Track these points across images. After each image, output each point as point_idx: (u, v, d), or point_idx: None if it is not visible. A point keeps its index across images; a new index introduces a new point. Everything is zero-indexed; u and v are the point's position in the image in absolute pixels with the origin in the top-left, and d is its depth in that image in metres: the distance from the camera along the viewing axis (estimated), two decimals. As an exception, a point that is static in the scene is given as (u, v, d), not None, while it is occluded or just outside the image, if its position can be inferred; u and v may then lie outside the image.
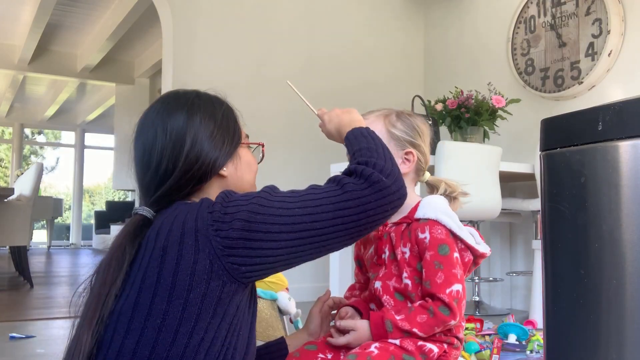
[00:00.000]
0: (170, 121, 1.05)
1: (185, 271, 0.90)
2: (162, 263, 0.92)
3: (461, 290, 1.23)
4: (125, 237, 1.00)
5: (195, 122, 1.05)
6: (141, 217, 1.04)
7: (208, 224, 0.92)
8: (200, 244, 0.91)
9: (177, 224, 0.94)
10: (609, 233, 0.80)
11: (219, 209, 0.94)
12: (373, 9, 4.59)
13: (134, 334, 0.90)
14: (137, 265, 0.96)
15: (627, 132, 0.79)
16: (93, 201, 20.20)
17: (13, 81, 9.31)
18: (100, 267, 1.00)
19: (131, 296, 0.93)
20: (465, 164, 2.96)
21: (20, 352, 2.54)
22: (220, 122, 1.08)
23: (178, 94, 1.12)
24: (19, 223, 4.67)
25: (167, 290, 0.90)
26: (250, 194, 0.97)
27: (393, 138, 1.35)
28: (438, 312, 1.20)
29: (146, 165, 1.06)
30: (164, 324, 0.90)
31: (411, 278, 1.27)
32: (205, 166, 1.04)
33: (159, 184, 1.04)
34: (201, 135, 1.04)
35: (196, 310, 0.90)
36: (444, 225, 1.27)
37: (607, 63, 3.27)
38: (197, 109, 1.07)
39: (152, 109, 1.10)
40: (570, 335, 0.84)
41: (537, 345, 2.35)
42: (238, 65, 3.96)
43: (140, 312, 0.91)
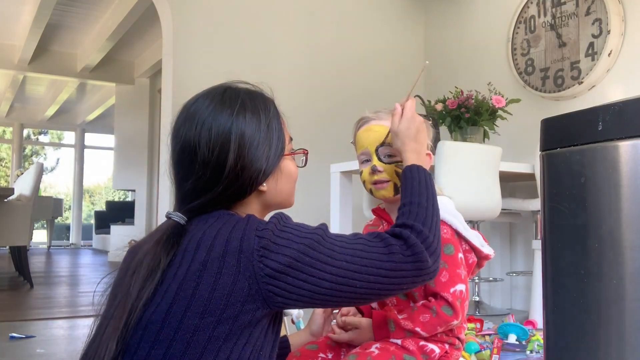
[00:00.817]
0: (215, 127, 1.00)
1: (222, 290, 0.89)
2: (200, 278, 0.90)
3: (464, 291, 1.23)
4: (157, 243, 0.96)
5: (240, 130, 1.00)
6: (175, 224, 1.00)
7: (254, 249, 0.90)
8: (242, 266, 0.90)
9: (220, 240, 0.92)
10: (609, 233, 0.79)
11: (269, 236, 0.91)
12: (373, 9, 4.59)
13: (162, 345, 0.89)
14: (172, 274, 0.93)
15: (627, 132, 0.79)
16: (93, 201, 20.20)
17: (13, 81, 9.31)
18: (128, 271, 0.96)
19: (162, 306, 0.90)
20: (465, 164, 2.96)
21: (20, 352, 2.54)
22: (265, 131, 1.03)
23: (226, 92, 1.06)
24: (19, 223, 4.67)
25: (201, 306, 0.89)
26: (303, 229, 0.94)
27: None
28: (441, 312, 1.20)
29: (186, 171, 1.01)
30: (193, 339, 0.88)
31: None
32: (247, 183, 1.00)
33: (199, 194, 1.00)
34: (246, 147, 1.00)
35: (226, 329, 0.89)
36: (449, 226, 1.28)
37: (607, 63, 3.27)
38: (244, 115, 1.02)
39: (197, 105, 1.04)
40: (570, 335, 0.84)
41: (537, 345, 2.35)
42: (238, 65, 3.96)
43: (171, 324, 0.89)
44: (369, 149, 1.34)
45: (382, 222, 1.40)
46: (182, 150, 1.02)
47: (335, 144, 4.02)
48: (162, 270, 0.93)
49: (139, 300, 0.92)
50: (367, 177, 1.34)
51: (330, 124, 4.14)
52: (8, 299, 4.32)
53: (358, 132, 1.38)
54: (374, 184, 1.33)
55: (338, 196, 3.17)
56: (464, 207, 2.84)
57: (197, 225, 0.98)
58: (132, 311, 0.91)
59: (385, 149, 1.32)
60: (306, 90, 4.19)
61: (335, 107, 4.22)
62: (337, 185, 3.17)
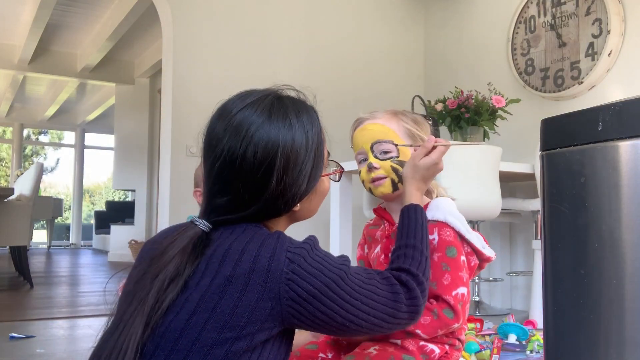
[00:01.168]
0: (263, 142, 0.95)
1: (245, 307, 0.88)
2: (224, 292, 0.89)
3: (466, 294, 1.23)
4: (184, 251, 0.94)
5: (287, 149, 0.96)
6: (201, 233, 0.97)
7: (283, 270, 0.90)
8: (268, 285, 0.89)
9: (248, 256, 0.90)
10: (609, 233, 0.79)
11: (300, 262, 0.91)
12: (373, 9, 4.59)
13: (178, 355, 0.87)
14: (194, 283, 0.91)
15: (627, 132, 0.79)
16: (93, 201, 20.20)
17: (13, 81, 9.31)
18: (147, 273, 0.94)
19: (182, 315, 0.89)
20: (465, 164, 2.96)
21: (20, 352, 2.54)
22: (310, 152, 1.00)
23: (274, 103, 0.99)
24: (19, 223, 4.67)
25: (221, 321, 0.88)
26: (332, 262, 0.95)
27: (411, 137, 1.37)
28: (442, 315, 1.20)
29: (222, 188, 0.98)
30: (210, 352, 0.87)
31: None
32: (282, 205, 0.98)
33: (231, 211, 0.98)
34: (289, 170, 0.97)
35: (242, 346, 0.88)
36: (452, 228, 1.28)
37: (607, 63, 3.27)
38: (293, 134, 0.97)
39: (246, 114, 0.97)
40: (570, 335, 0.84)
41: (537, 345, 2.35)
42: (238, 65, 3.96)
43: (189, 335, 0.88)
44: (364, 147, 1.35)
45: (383, 221, 1.40)
46: (223, 164, 0.97)
47: (335, 144, 4.02)
48: (185, 279, 0.92)
49: (159, 304, 0.90)
50: (365, 176, 1.35)
51: (330, 124, 4.11)
52: (8, 299, 4.32)
53: (354, 133, 1.39)
54: (372, 181, 1.33)
55: (338, 196, 3.17)
56: (464, 207, 2.83)
57: (222, 235, 0.96)
58: (151, 316, 0.90)
59: (380, 146, 1.33)
60: (306, 90, 4.18)
61: (335, 107, 4.22)
62: (337, 185, 3.17)
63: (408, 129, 1.36)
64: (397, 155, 1.33)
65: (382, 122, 1.34)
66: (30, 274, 4.87)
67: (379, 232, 1.40)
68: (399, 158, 1.33)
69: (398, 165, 1.32)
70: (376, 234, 1.40)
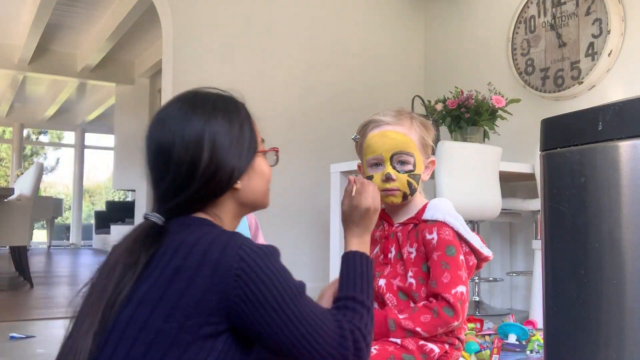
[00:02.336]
0: (188, 128, 1.02)
1: (191, 297, 0.90)
2: (171, 282, 0.91)
3: (465, 293, 1.24)
4: (135, 242, 0.98)
5: (213, 131, 1.02)
6: (152, 224, 1.01)
7: (233, 266, 0.91)
8: (216, 278, 0.90)
9: (199, 248, 0.92)
10: (609, 233, 0.79)
11: (251, 264, 0.92)
12: (373, 9, 4.59)
13: (124, 344, 0.89)
14: (146, 276, 0.94)
15: (627, 132, 0.79)
16: (93, 201, 20.19)
17: (13, 81, 9.31)
18: (103, 271, 0.98)
19: (130, 306, 0.92)
20: (465, 164, 2.96)
21: (20, 352, 2.54)
22: (238, 131, 1.05)
23: (196, 96, 1.08)
24: (19, 223, 4.67)
25: (167, 309, 0.89)
26: (287, 279, 0.95)
27: (423, 146, 1.38)
28: (442, 313, 1.21)
29: (162, 172, 1.03)
30: (155, 341, 0.88)
31: (415, 277, 1.29)
32: (222, 181, 1.02)
33: (175, 194, 1.02)
34: (219, 147, 1.01)
35: (189, 338, 0.89)
36: (451, 227, 1.29)
37: (607, 63, 3.27)
38: (215, 117, 1.03)
39: (168, 110, 1.06)
40: (570, 335, 0.84)
41: (537, 345, 2.35)
42: (238, 65, 3.96)
43: (135, 324, 0.90)
44: (383, 155, 1.33)
45: (382, 222, 1.41)
46: (157, 153, 1.04)
47: (335, 144, 4.02)
48: (140, 269, 0.94)
49: (116, 295, 0.92)
50: (379, 183, 1.33)
51: (330, 124, 4.14)
52: (8, 299, 4.32)
53: (370, 135, 1.36)
54: (384, 190, 1.33)
55: (338, 196, 3.17)
56: (464, 207, 2.84)
57: (178, 230, 0.99)
58: (108, 307, 0.92)
59: (400, 156, 1.33)
60: (306, 90, 4.19)
61: (335, 108, 4.22)
62: (337, 185, 3.17)
63: (422, 138, 1.37)
64: (414, 170, 1.34)
65: (404, 132, 1.34)
66: (30, 274, 4.87)
67: (378, 233, 1.41)
68: (415, 172, 1.34)
69: (413, 180, 1.34)
70: (375, 235, 1.41)
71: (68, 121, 12.45)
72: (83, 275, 6.44)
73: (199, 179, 1.00)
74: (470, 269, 1.31)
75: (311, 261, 3.97)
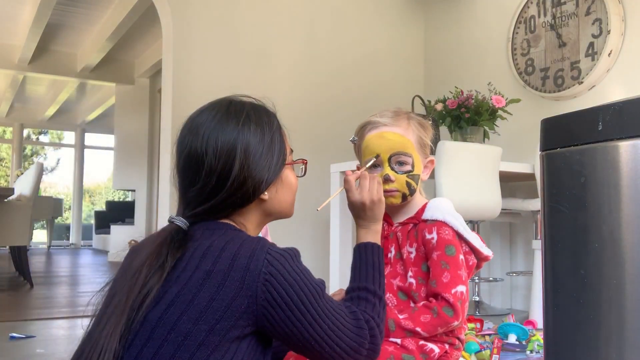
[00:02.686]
0: (221, 138, 1.03)
1: (222, 301, 0.92)
2: (202, 285, 0.93)
3: (465, 292, 1.24)
4: (161, 245, 0.99)
5: (245, 141, 1.03)
6: (177, 228, 1.02)
7: (262, 271, 0.93)
8: (246, 282, 0.93)
9: (228, 253, 0.95)
10: (609, 233, 0.79)
11: (279, 268, 0.95)
12: (373, 9, 4.59)
13: (154, 343, 0.91)
14: (174, 278, 0.95)
15: (627, 132, 0.79)
16: (93, 201, 20.19)
17: (13, 81, 9.31)
18: (128, 271, 0.98)
19: (160, 306, 0.93)
20: (465, 164, 2.96)
21: (20, 352, 2.54)
22: (269, 142, 1.07)
23: (231, 105, 1.09)
24: (19, 223, 4.67)
25: (197, 313, 0.91)
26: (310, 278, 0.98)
27: (421, 146, 1.38)
28: (442, 313, 1.22)
29: (191, 179, 1.04)
30: (184, 343, 0.90)
31: (415, 277, 1.29)
32: (250, 191, 1.03)
33: (203, 201, 1.03)
34: (251, 157, 1.03)
35: (217, 340, 0.91)
36: (451, 227, 1.29)
37: (607, 63, 3.27)
38: (249, 127, 1.04)
39: (203, 117, 1.07)
40: (570, 335, 0.84)
41: (537, 345, 2.35)
42: (238, 66, 3.96)
43: (165, 324, 0.92)
44: (381, 156, 1.34)
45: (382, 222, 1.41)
46: (189, 159, 1.05)
47: (335, 144, 4.02)
48: (167, 271, 0.96)
49: (142, 297, 0.94)
50: None
51: (330, 124, 4.14)
52: (8, 299, 4.32)
53: (368, 136, 1.37)
54: (384, 191, 1.33)
55: (338, 196, 3.17)
56: (464, 207, 2.84)
57: (204, 234, 1.00)
58: (133, 308, 0.93)
59: (398, 157, 1.33)
60: (306, 90, 4.19)
61: (335, 108, 4.22)
62: (337, 185, 3.17)
63: (419, 138, 1.37)
64: (412, 170, 1.34)
65: (401, 132, 1.34)
66: (30, 274, 4.87)
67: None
68: (413, 172, 1.34)
69: (412, 180, 1.34)
70: None
71: (68, 121, 12.45)
72: (83, 275, 6.44)
73: (228, 188, 1.02)
74: (470, 268, 1.32)
75: (311, 261, 3.96)
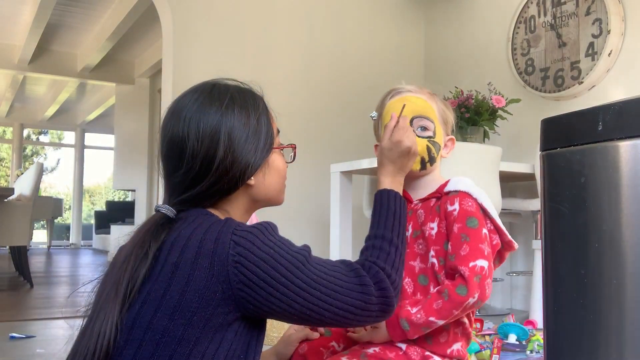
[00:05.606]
0: (203, 121, 0.98)
1: (194, 292, 0.88)
2: (172, 279, 0.89)
3: (486, 268, 1.14)
4: (146, 233, 0.95)
5: (229, 124, 0.99)
6: (163, 216, 0.99)
7: (229, 253, 0.89)
8: (215, 269, 0.88)
9: (194, 242, 0.90)
10: (609, 233, 0.79)
11: (248, 247, 0.90)
12: (373, 9, 4.59)
13: (132, 345, 0.88)
14: (148, 275, 0.92)
15: (627, 132, 0.78)
16: (93, 201, 20.19)
17: (13, 81, 9.31)
18: (116, 265, 0.95)
19: (135, 307, 0.90)
20: (465, 164, 2.96)
21: (20, 352, 2.54)
22: (254, 125, 1.02)
23: (214, 87, 1.05)
24: (19, 223, 4.67)
25: (171, 307, 0.88)
26: (286, 248, 0.93)
27: (444, 121, 1.32)
28: (453, 294, 1.12)
29: (175, 164, 1.00)
30: (162, 340, 0.87)
31: (437, 257, 1.20)
32: (237, 176, 0.99)
33: (188, 187, 0.99)
34: (235, 141, 0.99)
35: (197, 333, 0.88)
36: (475, 199, 1.21)
37: (607, 63, 3.27)
38: (232, 109, 1.00)
39: (185, 100, 1.03)
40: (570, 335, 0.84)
41: (537, 345, 2.35)
42: (238, 65, 3.96)
43: (141, 324, 0.88)
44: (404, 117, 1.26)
45: None
46: (171, 144, 1.01)
47: (335, 144, 4.02)
48: (152, 259, 0.92)
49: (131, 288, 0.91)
50: None
51: (330, 124, 4.14)
52: (8, 299, 4.32)
53: (390, 102, 1.30)
54: None
55: (338, 196, 3.17)
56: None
57: (181, 224, 0.96)
58: (127, 295, 0.91)
59: (420, 121, 1.27)
60: (306, 90, 4.19)
61: (335, 107, 4.22)
62: (337, 185, 3.17)
63: (443, 111, 1.32)
64: (434, 136, 1.27)
65: (425, 99, 1.29)
66: (30, 274, 4.87)
67: None
68: (434, 139, 1.28)
69: (432, 146, 1.27)
70: None
71: (68, 121, 12.45)
72: (83, 275, 6.44)
73: (213, 174, 0.98)
74: (494, 248, 1.21)
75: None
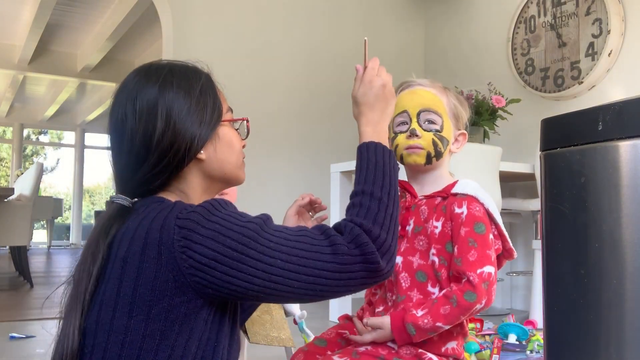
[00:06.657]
0: (140, 98, 0.94)
1: (145, 286, 0.84)
2: (122, 275, 0.85)
3: (493, 274, 1.15)
4: (99, 231, 0.91)
5: (168, 98, 0.94)
6: (118, 207, 0.95)
7: (174, 239, 0.84)
8: (163, 258, 0.84)
9: (141, 232, 0.86)
10: (609, 233, 0.79)
11: (191, 227, 0.85)
12: (373, 9, 4.59)
13: (99, 348, 0.85)
14: (103, 275, 0.89)
15: (627, 132, 0.78)
16: (93, 201, 20.20)
17: (13, 81, 9.31)
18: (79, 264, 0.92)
19: (94, 310, 0.87)
20: (465, 164, 2.96)
21: (20, 352, 2.54)
22: (197, 97, 0.97)
23: (151, 66, 1.00)
24: (19, 223, 4.67)
25: (127, 303, 0.84)
26: (235, 220, 0.87)
27: (455, 116, 1.31)
28: (462, 301, 1.13)
29: (118, 148, 0.97)
30: (126, 340, 0.84)
31: (438, 256, 1.20)
32: (181, 151, 0.94)
33: (133, 170, 0.95)
34: (175, 114, 0.94)
35: (160, 326, 0.84)
36: (482, 204, 1.21)
37: (607, 63, 3.27)
38: (171, 83, 0.96)
39: (124, 82, 0.99)
40: (570, 335, 0.84)
41: (537, 345, 2.35)
42: (237, 66, 3.96)
43: (103, 327, 0.85)
44: (409, 111, 1.27)
45: (404, 193, 1.32)
46: (113, 127, 0.98)
47: (335, 144, 4.02)
48: (103, 251, 0.89)
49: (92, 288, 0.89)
50: (402, 141, 1.27)
51: (330, 124, 4.14)
52: (8, 299, 4.32)
53: (400, 94, 1.31)
54: (408, 147, 1.25)
55: (338, 196, 3.17)
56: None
57: (130, 217, 0.93)
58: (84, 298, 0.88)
59: (427, 115, 1.26)
60: (306, 90, 4.19)
61: (335, 107, 4.22)
62: (337, 185, 3.17)
63: (454, 106, 1.30)
64: (441, 130, 1.26)
65: (435, 92, 1.29)
66: (30, 274, 4.87)
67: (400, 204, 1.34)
68: (442, 133, 1.26)
69: (439, 140, 1.26)
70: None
71: (68, 121, 12.45)
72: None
73: (155, 149, 0.93)
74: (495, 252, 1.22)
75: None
